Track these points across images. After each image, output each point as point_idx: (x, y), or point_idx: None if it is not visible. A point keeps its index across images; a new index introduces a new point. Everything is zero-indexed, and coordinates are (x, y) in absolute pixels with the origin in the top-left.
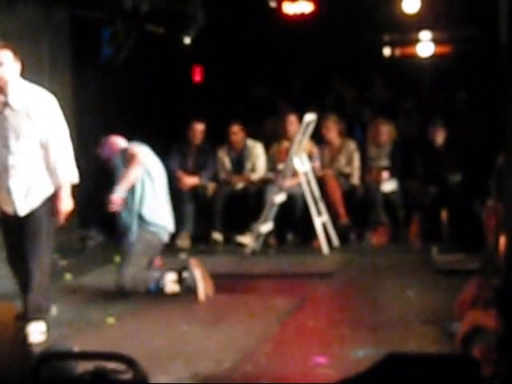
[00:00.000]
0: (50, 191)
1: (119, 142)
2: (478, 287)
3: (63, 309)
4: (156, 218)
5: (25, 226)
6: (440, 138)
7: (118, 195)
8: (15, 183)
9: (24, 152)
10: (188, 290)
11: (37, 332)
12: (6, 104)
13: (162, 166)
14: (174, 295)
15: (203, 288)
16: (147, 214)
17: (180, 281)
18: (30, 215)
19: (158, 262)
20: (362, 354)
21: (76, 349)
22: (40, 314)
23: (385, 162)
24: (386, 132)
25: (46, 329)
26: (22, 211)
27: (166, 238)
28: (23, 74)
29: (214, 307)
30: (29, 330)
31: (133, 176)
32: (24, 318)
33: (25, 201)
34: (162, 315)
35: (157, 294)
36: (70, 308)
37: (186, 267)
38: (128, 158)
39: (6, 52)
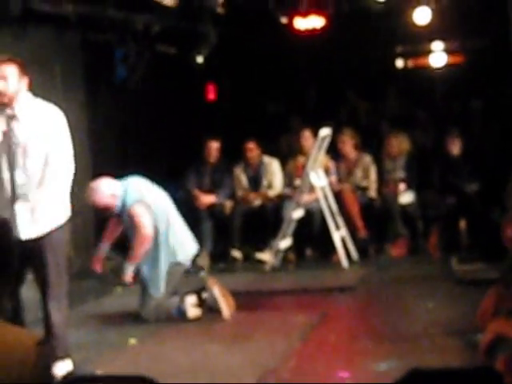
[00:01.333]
0: (62, 216)
1: (112, 187)
2: (499, 296)
3: (85, 331)
4: (179, 253)
5: (32, 254)
6: (456, 147)
7: (128, 273)
8: (20, 203)
9: (32, 170)
10: (210, 310)
11: (65, 372)
12: (13, 119)
13: (164, 194)
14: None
15: (226, 306)
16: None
17: (201, 303)
18: (38, 242)
19: None
20: (385, 368)
21: (99, 371)
22: (66, 350)
23: (401, 174)
24: (395, 144)
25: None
26: (25, 235)
27: (188, 263)
28: (36, 95)
29: (236, 325)
30: (56, 370)
31: (141, 253)
32: (50, 357)
33: (30, 224)
34: (184, 334)
35: (180, 318)
36: (91, 330)
37: (204, 288)
38: (135, 230)
39: (10, 66)
